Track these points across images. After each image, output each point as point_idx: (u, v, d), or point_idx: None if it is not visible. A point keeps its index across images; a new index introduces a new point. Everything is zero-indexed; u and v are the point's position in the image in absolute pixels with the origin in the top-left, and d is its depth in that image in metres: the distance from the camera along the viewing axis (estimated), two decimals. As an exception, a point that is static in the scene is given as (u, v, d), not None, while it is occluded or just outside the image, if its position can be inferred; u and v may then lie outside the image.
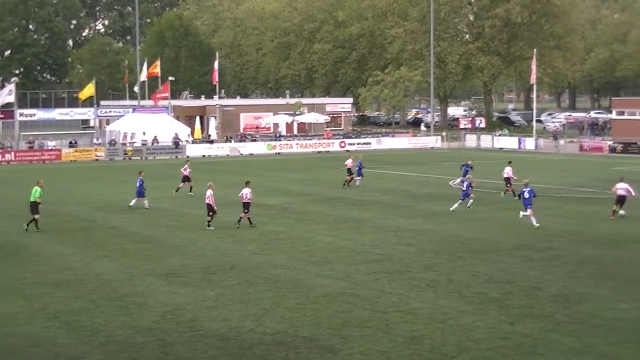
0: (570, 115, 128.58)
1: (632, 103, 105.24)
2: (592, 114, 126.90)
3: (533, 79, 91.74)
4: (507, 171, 49.00)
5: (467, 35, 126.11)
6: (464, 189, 43.03)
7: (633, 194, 40.72)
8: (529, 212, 37.69)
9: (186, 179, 51.44)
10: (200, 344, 20.70)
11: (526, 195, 37.85)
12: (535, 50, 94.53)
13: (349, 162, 55.34)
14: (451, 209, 42.09)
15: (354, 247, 33.34)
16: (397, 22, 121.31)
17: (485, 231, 36.87)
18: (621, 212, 40.12)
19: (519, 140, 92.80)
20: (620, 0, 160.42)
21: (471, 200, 43.68)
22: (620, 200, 40.00)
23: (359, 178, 55.06)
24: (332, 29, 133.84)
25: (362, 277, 27.70)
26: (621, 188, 40.05)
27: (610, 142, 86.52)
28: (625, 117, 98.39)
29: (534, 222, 37.30)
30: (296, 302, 24.48)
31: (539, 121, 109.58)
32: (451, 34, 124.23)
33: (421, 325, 21.97)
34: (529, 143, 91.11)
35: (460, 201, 42.81)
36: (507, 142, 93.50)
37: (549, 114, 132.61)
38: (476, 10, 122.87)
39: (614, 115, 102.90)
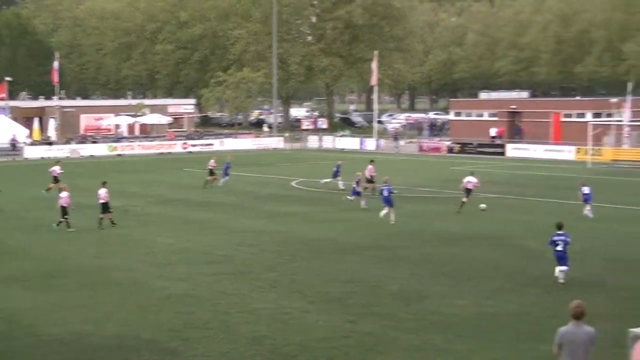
0: (409, 116, 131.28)
1: (468, 104, 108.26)
2: (431, 115, 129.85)
3: (374, 80, 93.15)
4: (369, 169, 50.31)
5: (309, 37, 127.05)
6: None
7: (478, 185, 43.80)
8: (387, 209, 38.86)
9: (56, 179, 50.62)
10: (40, 350, 20.16)
11: (385, 193, 39.14)
12: (376, 52, 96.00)
13: (211, 163, 55.16)
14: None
15: (196, 248, 33.11)
16: (239, 24, 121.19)
17: (328, 231, 37.18)
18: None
19: (360, 141, 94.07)
20: (457, 4, 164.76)
21: (363, 201, 44.47)
22: (468, 192, 42.88)
23: (225, 178, 55.15)
24: (174, 30, 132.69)
25: (204, 279, 27.54)
26: (469, 182, 43.01)
27: (448, 143, 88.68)
28: (462, 118, 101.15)
29: (392, 218, 38.69)
30: (137, 305, 24.14)
31: (379, 122, 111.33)
32: (294, 36, 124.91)
33: (263, 325, 21.97)
34: (370, 144, 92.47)
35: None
36: (348, 142, 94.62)
37: (389, 115, 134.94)
38: (318, 12, 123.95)
39: (451, 116, 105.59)
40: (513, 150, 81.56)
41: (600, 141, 76.62)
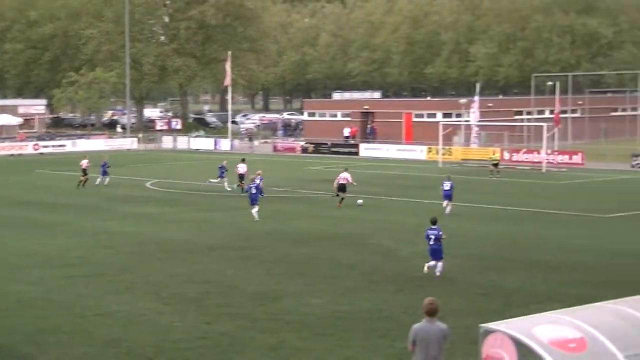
0: (264, 116, 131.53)
1: (322, 105, 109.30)
2: (285, 116, 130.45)
3: (228, 81, 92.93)
4: (241, 168, 51.49)
5: (162, 37, 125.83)
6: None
7: (352, 182, 45.60)
8: (256, 208, 39.61)
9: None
10: None
11: (254, 191, 39.95)
12: (230, 52, 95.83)
13: (84, 163, 54.36)
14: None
15: (49, 251, 32.41)
16: (91, 23, 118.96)
17: (184, 232, 36.96)
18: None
19: (215, 142, 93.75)
20: (310, 5, 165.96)
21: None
22: (342, 188, 45.02)
23: (105, 178, 55.29)
24: (24, 29, 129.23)
25: (58, 282, 26.98)
26: (343, 178, 45.37)
27: (302, 143, 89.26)
28: (316, 118, 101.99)
29: (256, 217, 39.26)
30: (-12, 311, 23.49)
31: (234, 122, 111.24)
32: (147, 36, 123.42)
33: (119, 328, 21.68)
34: (225, 144, 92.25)
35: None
36: (203, 143, 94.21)
37: (243, 116, 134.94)
38: (172, 12, 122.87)
39: (305, 117, 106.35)
40: (366, 150, 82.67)
41: (451, 141, 78.47)
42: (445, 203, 42.10)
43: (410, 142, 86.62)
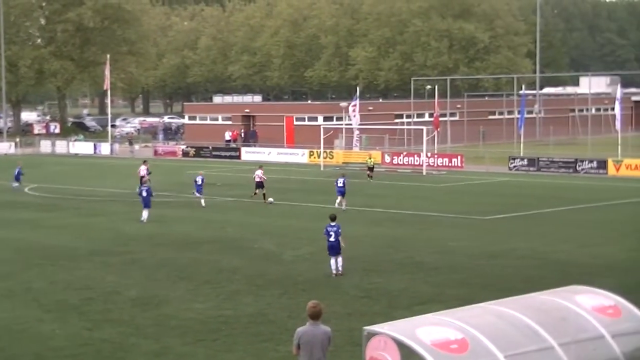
0: (144, 120, 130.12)
1: (202, 108, 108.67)
2: (166, 119, 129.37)
3: (107, 84, 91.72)
4: (142, 169, 51.46)
5: (39, 40, 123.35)
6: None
7: (265, 178, 48.87)
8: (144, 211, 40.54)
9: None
10: None
11: (144, 194, 40.79)
12: (108, 55, 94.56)
13: None
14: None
15: None
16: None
17: (63, 238, 36.35)
18: (270, 199, 47.31)
19: (95, 146, 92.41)
20: (190, 8, 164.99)
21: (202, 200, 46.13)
22: (259, 185, 48.26)
23: (16, 184, 54.76)
24: None
25: None
26: (258, 175, 48.45)
27: (183, 147, 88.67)
28: (197, 122, 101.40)
29: (144, 217, 40.30)
30: None
31: (113, 126, 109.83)
32: (22, 38, 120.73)
33: (-3, 338, 21.21)
34: (105, 148, 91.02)
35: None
36: (82, 147, 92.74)
37: (123, 119, 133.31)
38: (48, 14, 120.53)
39: (186, 120, 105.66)
40: (248, 153, 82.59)
41: (332, 144, 79.00)
42: (339, 199, 44.30)
43: (291, 145, 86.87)
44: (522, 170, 67.04)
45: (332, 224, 28.25)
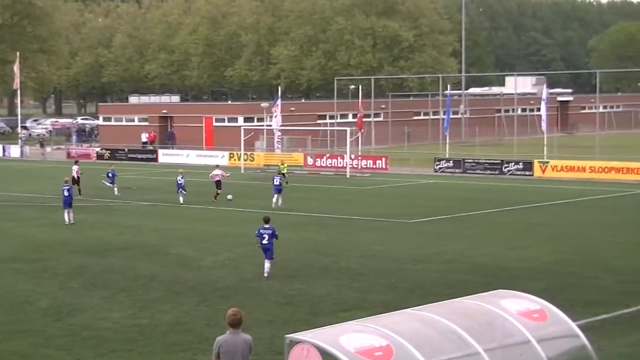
0: (56, 121, 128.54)
1: (118, 109, 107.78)
2: (79, 120, 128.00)
3: (16, 83, 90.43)
4: (75, 170, 52.55)
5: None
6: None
7: (226, 175, 51.28)
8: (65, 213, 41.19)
9: (218, 184, 52.42)
10: None
11: (66, 193, 41.42)
12: (18, 53, 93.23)
13: None
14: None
15: None
16: None
17: (-31, 245, 35.69)
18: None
19: (4, 148, 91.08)
20: (104, 4, 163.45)
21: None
22: (217, 184, 49.45)
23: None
24: None
25: None
26: (216, 174, 49.92)
27: (97, 149, 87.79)
28: (112, 123, 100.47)
29: (67, 219, 40.86)
30: None
31: (24, 127, 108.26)
32: None
33: None
34: (15, 150, 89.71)
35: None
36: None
37: (34, 120, 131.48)
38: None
39: (100, 121, 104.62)
40: (165, 156, 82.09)
41: (253, 146, 78.87)
42: (275, 197, 46.35)
43: (210, 147, 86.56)
44: (448, 172, 67.70)
45: (266, 226, 28.45)
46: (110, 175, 54.25)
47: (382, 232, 39.07)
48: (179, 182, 49.22)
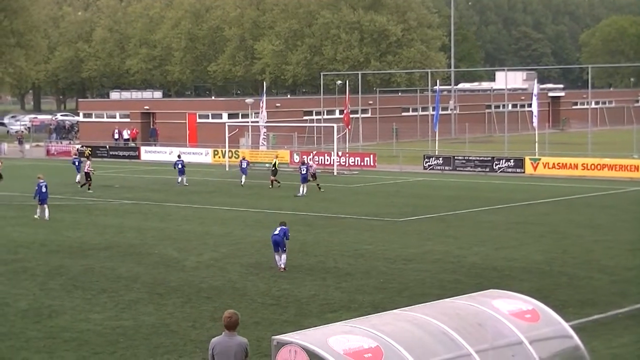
0: (35, 117, 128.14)
1: (99, 105, 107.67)
2: (59, 116, 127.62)
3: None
4: (87, 165, 54.87)
5: None
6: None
7: None
8: (39, 208, 42.07)
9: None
10: None
11: (43, 189, 42.12)
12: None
13: None
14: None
15: None
16: None
17: (-54, 245, 35.60)
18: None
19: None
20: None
21: None
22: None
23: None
24: None
25: None
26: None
27: (78, 146, 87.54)
28: (93, 119, 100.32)
29: (39, 215, 41.74)
30: None
31: (2, 124, 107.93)
32: None
33: None
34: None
35: None
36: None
37: (12, 117, 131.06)
38: None
39: (80, 118, 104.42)
40: (148, 153, 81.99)
41: (237, 143, 78.83)
42: (302, 187, 51.65)
43: (194, 144, 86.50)
44: (437, 169, 67.80)
45: (282, 227, 29.95)
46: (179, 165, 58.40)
47: (370, 231, 39.11)
48: (179, 167, 57.51)
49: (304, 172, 52.61)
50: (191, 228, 39.98)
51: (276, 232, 29.77)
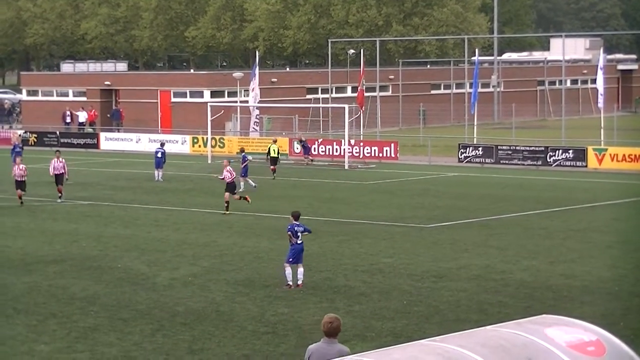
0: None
1: (46, 79, 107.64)
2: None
3: None
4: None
5: None
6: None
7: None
8: None
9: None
10: None
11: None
12: None
13: None
14: None
15: None
16: None
17: None
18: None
19: None
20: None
21: None
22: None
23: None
24: None
25: None
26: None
27: (20, 132, 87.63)
28: (39, 98, 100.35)
29: None
30: None
31: None
32: None
33: None
34: None
35: None
36: None
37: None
38: None
39: (23, 96, 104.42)
40: (109, 141, 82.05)
41: (223, 128, 78.85)
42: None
43: (168, 129, 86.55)
44: (476, 162, 67.79)
45: (297, 222, 30.35)
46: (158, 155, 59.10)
47: (390, 240, 39.13)
48: (158, 156, 58.10)
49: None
50: (164, 236, 40.01)
51: (299, 237, 30.31)
